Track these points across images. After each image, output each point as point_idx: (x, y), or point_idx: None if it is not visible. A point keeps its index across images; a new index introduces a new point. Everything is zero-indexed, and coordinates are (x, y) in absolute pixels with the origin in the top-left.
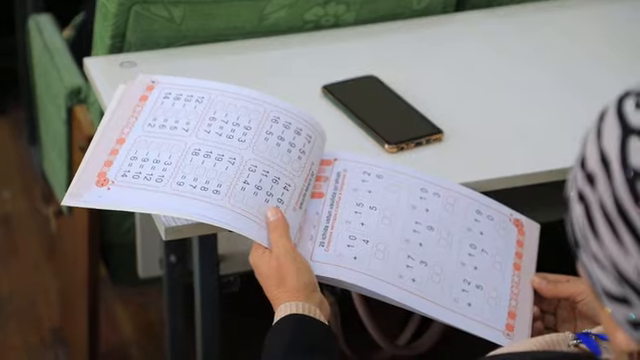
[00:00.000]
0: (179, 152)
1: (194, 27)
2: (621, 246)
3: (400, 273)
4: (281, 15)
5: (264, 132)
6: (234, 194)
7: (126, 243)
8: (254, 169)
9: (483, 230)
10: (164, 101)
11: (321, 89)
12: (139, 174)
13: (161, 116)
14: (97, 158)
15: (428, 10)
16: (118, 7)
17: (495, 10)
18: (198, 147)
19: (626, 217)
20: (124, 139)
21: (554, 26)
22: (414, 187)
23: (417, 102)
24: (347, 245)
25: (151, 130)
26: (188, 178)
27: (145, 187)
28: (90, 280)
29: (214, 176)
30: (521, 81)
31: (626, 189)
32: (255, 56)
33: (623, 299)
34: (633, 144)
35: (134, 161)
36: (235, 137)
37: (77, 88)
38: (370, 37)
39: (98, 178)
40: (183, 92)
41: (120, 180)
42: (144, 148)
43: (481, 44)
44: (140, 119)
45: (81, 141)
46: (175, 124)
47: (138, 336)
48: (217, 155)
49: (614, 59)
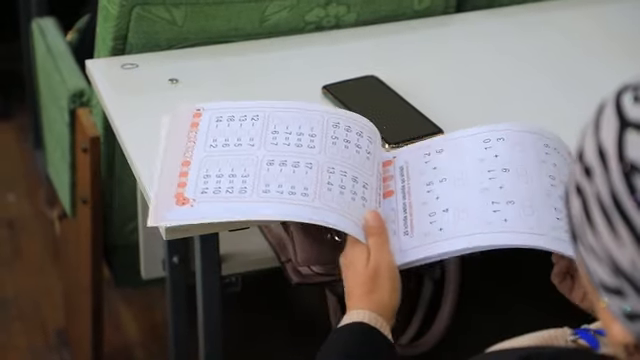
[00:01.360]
0: (253, 165)
1: (195, 29)
2: (617, 238)
3: (488, 220)
4: (282, 16)
5: (330, 137)
6: (322, 194)
7: (129, 245)
8: (332, 170)
9: (555, 162)
10: (218, 124)
11: (321, 89)
12: (219, 189)
13: (220, 137)
14: (168, 183)
15: (429, 11)
16: (119, 9)
17: (496, 11)
18: (271, 158)
19: (622, 209)
20: (189, 161)
21: (555, 26)
22: (476, 142)
23: (417, 102)
24: (429, 223)
25: (214, 150)
26: (272, 186)
27: (230, 199)
28: (94, 282)
29: (297, 181)
30: (522, 81)
31: (622, 182)
32: (256, 57)
33: (618, 291)
34: (630, 137)
35: (208, 179)
36: (304, 144)
37: (80, 91)
38: (371, 38)
39: (177, 199)
40: (235, 113)
41: (201, 197)
42: (214, 166)
43: (482, 44)
44: (199, 142)
45: (84, 143)
46: (238, 141)
47: (142, 337)
48: (293, 162)
49: (615, 59)
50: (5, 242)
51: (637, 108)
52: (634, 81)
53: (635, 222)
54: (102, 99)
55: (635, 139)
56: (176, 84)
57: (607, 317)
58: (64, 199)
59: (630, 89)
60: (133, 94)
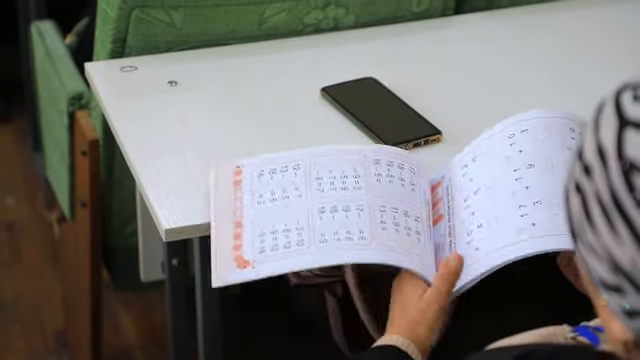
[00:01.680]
0: (305, 216)
1: (194, 31)
2: (616, 236)
3: (518, 227)
4: (281, 19)
5: (373, 175)
6: (378, 234)
7: (128, 248)
8: (383, 209)
9: None
10: (260, 179)
11: (320, 91)
12: (276, 246)
13: (266, 191)
14: (225, 245)
15: (428, 13)
16: (118, 12)
17: (494, 12)
18: (321, 206)
19: (621, 207)
20: (240, 222)
21: (553, 28)
22: (502, 141)
23: (416, 103)
24: (467, 243)
25: (263, 206)
26: (328, 234)
27: (289, 255)
28: (93, 285)
29: (352, 225)
30: (520, 82)
31: (621, 180)
32: (255, 59)
33: (618, 288)
34: (629, 135)
35: (264, 237)
36: (350, 187)
37: (79, 93)
38: (369, 40)
39: (237, 262)
40: (275, 166)
41: (260, 257)
42: (267, 223)
43: (480, 46)
44: (246, 201)
45: (83, 146)
46: (285, 193)
47: (141, 340)
48: (343, 207)
49: (614, 60)
50: (4, 245)
51: (636, 107)
52: (633, 80)
53: (634, 220)
54: (101, 102)
55: (634, 138)
56: (175, 86)
57: (606, 315)
58: (63, 202)
59: (629, 88)
60: (132, 97)
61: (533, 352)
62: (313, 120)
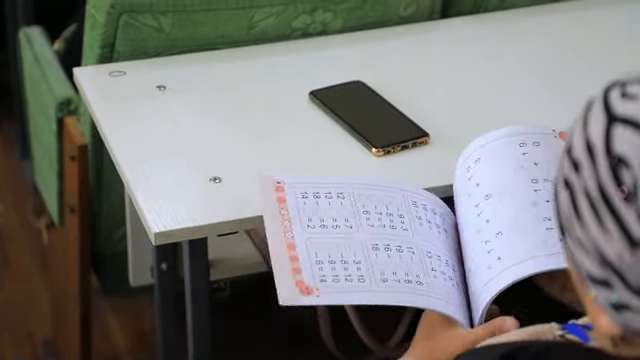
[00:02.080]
0: (360, 250)
1: (183, 36)
2: (604, 230)
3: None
4: (269, 23)
5: (415, 217)
6: (432, 283)
7: (117, 253)
8: (429, 255)
9: None
10: (305, 201)
11: (308, 95)
12: (337, 277)
13: (314, 216)
14: (284, 268)
15: (415, 17)
16: (107, 17)
17: (480, 16)
18: (375, 242)
19: (609, 202)
20: (294, 244)
21: (539, 31)
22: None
23: (403, 106)
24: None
25: (314, 231)
26: (387, 274)
27: (352, 289)
28: (82, 291)
29: (407, 268)
30: (507, 85)
31: (609, 175)
32: (243, 64)
33: (606, 282)
34: (617, 131)
35: (322, 265)
36: (397, 227)
37: (67, 99)
38: (357, 44)
39: (299, 288)
40: (319, 190)
41: (322, 286)
42: (322, 251)
43: (467, 49)
44: (294, 222)
45: (72, 152)
46: (335, 223)
47: (131, 345)
48: (396, 247)
49: (600, 62)
50: None
51: (624, 103)
52: (622, 78)
53: (622, 214)
54: (90, 107)
55: (622, 133)
56: (164, 91)
57: (594, 309)
58: (52, 208)
59: (618, 85)
60: (121, 101)
61: (521, 349)
62: (302, 124)
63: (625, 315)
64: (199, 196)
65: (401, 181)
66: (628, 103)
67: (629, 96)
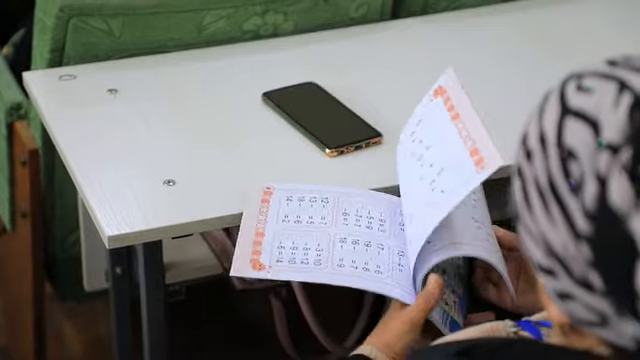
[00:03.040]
0: (326, 240)
1: (133, 39)
2: (550, 220)
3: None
4: (220, 26)
5: (397, 224)
6: (395, 274)
7: (71, 257)
8: (402, 254)
9: None
10: (288, 202)
11: (262, 96)
12: (294, 259)
13: (292, 214)
14: (245, 247)
15: (365, 18)
16: (56, 21)
17: (430, 17)
18: (344, 236)
19: (557, 193)
20: (262, 233)
21: (488, 31)
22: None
23: (356, 107)
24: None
25: (287, 225)
26: (346, 261)
27: (306, 269)
28: (35, 297)
29: (370, 259)
30: None
31: (559, 166)
32: (195, 66)
33: (551, 271)
34: (568, 124)
35: (282, 249)
36: (374, 228)
37: (17, 104)
38: (309, 45)
39: (253, 264)
40: (305, 195)
41: (276, 265)
42: (288, 239)
43: (417, 49)
44: (270, 217)
45: (22, 156)
46: (310, 219)
47: (86, 351)
48: (365, 242)
49: (550, 61)
50: None
51: (578, 96)
52: (580, 70)
53: (568, 206)
54: (40, 111)
55: (573, 126)
56: (115, 94)
57: (546, 298)
58: (3, 213)
59: (575, 78)
60: (72, 105)
61: (475, 346)
62: (255, 125)
63: (569, 304)
64: (152, 199)
65: (354, 181)
66: (582, 96)
67: (584, 89)
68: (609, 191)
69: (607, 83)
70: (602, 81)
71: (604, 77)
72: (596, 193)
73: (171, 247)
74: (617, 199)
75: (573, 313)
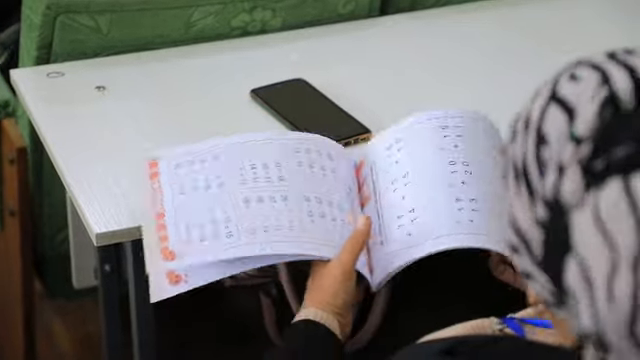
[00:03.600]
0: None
1: (121, 36)
2: (519, 200)
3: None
4: (208, 22)
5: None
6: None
7: (60, 255)
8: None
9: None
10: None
11: (250, 93)
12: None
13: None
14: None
15: (354, 14)
16: (43, 18)
17: (418, 13)
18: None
19: (527, 175)
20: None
21: (476, 27)
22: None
23: (345, 103)
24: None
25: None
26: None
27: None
28: (25, 295)
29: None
30: (446, 80)
31: (533, 150)
32: (183, 63)
33: (516, 250)
34: (551, 110)
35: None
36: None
37: (4, 101)
38: (297, 41)
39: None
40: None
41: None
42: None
43: (406, 46)
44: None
45: (10, 154)
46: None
47: (76, 349)
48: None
49: (537, 57)
50: None
51: (567, 85)
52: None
53: (535, 189)
54: (28, 109)
55: (553, 112)
56: (103, 92)
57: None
58: None
59: (572, 66)
60: (60, 103)
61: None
62: (243, 122)
63: (532, 283)
64: (141, 196)
65: None
66: (570, 84)
67: (574, 78)
68: (563, 182)
69: (593, 74)
70: (590, 71)
71: (593, 67)
72: (554, 182)
73: None
74: (567, 191)
75: (537, 292)
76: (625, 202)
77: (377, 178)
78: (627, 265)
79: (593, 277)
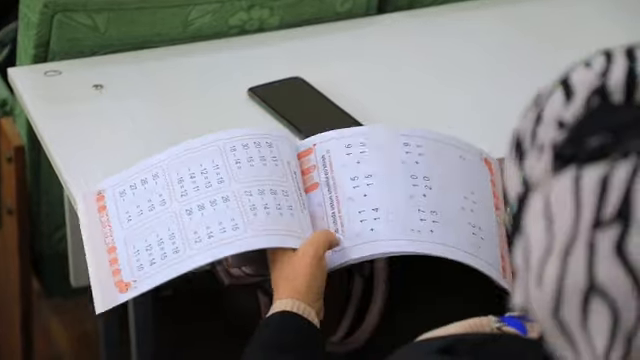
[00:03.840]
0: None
1: (118, 35)
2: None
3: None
4: (206, 21)
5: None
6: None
7: (58, 253)
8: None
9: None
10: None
11: (247, 91)
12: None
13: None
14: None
15: (351, 13)
16: (40, 16)
17: (417, 12)
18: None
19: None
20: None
21: (474, 25)
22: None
23: (342, 101)
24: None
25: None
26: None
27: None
28: (22, 293)
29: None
30: (443, 79)
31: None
32: (181, 62)
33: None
34: (556, 92)
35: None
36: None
37: (2, 100)
38: (295, 40)
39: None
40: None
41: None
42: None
43: (403, 44)
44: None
45: (8, 153)
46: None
47: (73, 348)
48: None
49: (536, 57)
50: None
51: (580, 71)
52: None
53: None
54: (26, 107)
55: (557, 95)
56: (101, 90)
57: None
58: None
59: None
60: (57, 101)
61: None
62: (241, 120)
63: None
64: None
65: None
66: (582, 70)
67: (588, 65)
68: (536, 163)
69: (603, 63)
70: (602, 60)
71: (607, 57)
72: (532, 160)
73: None
74: (536, 172)
75: None
76: (571, 191)
77: (332, 169)
78: (559, 251)
79: (530, 259)
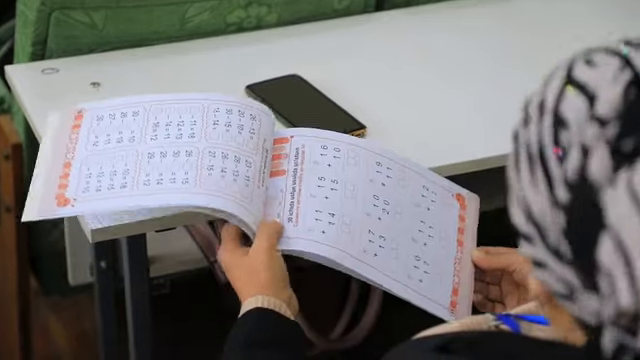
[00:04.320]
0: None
1: (116, 32)
2: (534, 185)
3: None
4: (203, 18)
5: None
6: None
7: (56, 252)
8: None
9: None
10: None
11: (245, 89)
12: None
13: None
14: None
15: (349, 10)
16: (37, 14)
17: (414, 9)
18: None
19: (543, 158)
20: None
21: (471, 22)
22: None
23: (340, 99)
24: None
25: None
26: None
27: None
28: (20, 292)
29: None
30: (441, 76)
31: (550, 132)
32: (178, 59)
33: (529, 237)
34: (568, 93)
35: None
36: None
37: (0, 98)
38: (292, 37)
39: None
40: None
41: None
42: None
43: (401, 42)
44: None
45: (6, 150)
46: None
47: (72, 346)
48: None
49: (534, 54)
50: None
51: (584, 69)
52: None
53: (552, 172)
54: (23, 105)
55: (571, 95)
56: (98, 88)
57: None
58: None
59: (586, 52)
60: (55, 99)
61: (455, 339)
62: None
63: (543, 273)
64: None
65: None
66: (587, 69)
67: (591, 63)
68: (589, 162)
69: (612, 59)
70: (608, 56)
71: (611, 53)
72: (578, 163)
73: (155, 240)
74: (595, 170)
75: (546, 283)
76: None
77: (304, 162)
78: None
79: (629, 251)
